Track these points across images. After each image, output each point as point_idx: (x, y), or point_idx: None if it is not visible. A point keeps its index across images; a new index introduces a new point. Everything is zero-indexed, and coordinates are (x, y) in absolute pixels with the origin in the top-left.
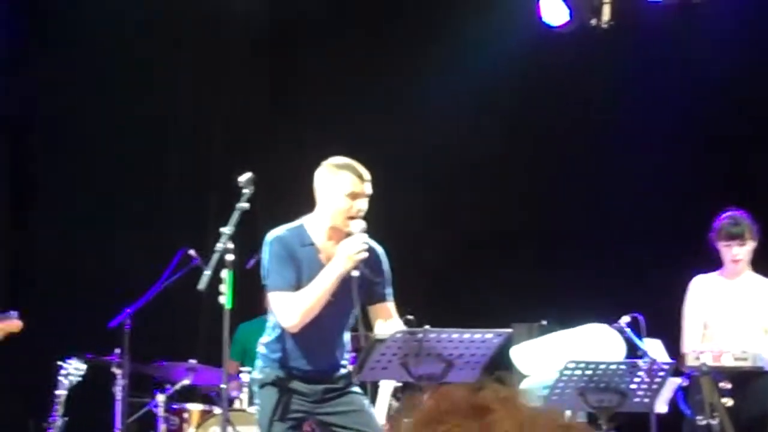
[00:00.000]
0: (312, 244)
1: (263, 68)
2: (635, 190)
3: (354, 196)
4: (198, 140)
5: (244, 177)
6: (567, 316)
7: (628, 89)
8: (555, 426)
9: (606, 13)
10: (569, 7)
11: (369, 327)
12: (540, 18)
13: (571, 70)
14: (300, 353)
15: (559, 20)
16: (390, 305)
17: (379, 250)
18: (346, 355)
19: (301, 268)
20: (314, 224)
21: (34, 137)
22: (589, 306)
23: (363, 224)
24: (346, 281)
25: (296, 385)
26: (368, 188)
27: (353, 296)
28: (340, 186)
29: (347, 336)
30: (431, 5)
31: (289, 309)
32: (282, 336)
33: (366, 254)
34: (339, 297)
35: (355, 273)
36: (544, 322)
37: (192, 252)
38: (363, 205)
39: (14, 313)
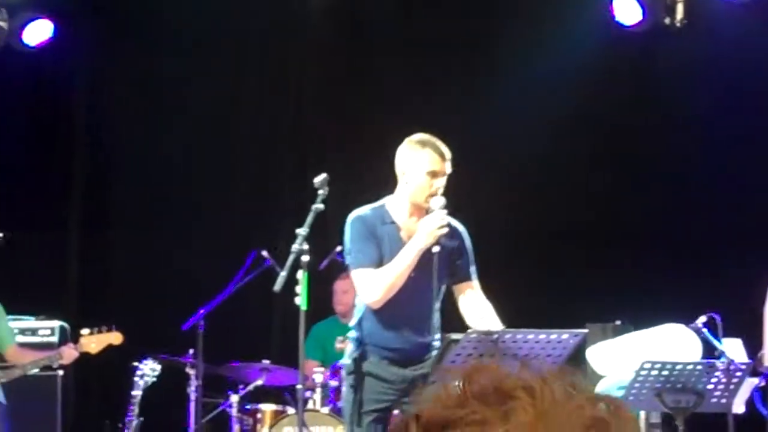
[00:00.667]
0: (393, 222)
1: (337, 67)
2: (710, 188)
3: (434, 174)
4: (269, 142)
5: (319, 178)
6: (642, 316)
7: (702, 87)
8: (580, 418)
9: (679, 11)
10: (642, 6)
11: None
12: (613, 17)
13: (644, 69)
14: (386, 332)
15: (632, 19)
16: (474, 283)
17: (461, 228)
18: (437, 337)
19: (383, 245)
20: (395, 203)
21: (105, 140)
22: (665, 306)
23: (443, 201)
24: (428, 259)
25: (383, 370)
26: (448, 167)
27: (433, 273)
28: (421, 163)
29: (437, 317)
30: (505, 3)
31: (372, 285)
32: (367, 316)
33: (446, 230)
34: (421, 274)
35: (436, 248)
36: (619, 322)
37: (264, 253)
38: (443, 183)
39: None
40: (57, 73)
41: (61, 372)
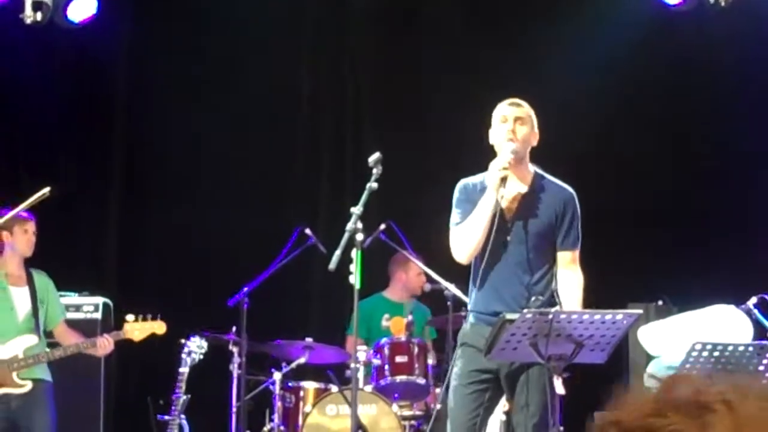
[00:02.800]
0: (486, 186)
1: (381, 47)
2: (758, 167)
3: (504, 119)
4: (313, 120)
5: (374, 157)
6: (688, 297)
7: (747, 67)
8: None
9: None
10: None
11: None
12: None
13: (688, 48)
14: (486, 292)
15: None
16: (566, 254)
17: (564, 192)
18: (541, 299)
19: None
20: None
21: (147, 117)
22: (712, 286)
23: (513, 146)
24: (512, 220)
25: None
26: (516, 111)
27: (511, 235)
28: (495, 116)
29: (544, 280)
30: None
31: (455, 241)
32: (472, 278)
33: (506, 172)
34: (504, 236)
35: (501, 193)
36: (661, 302)
37: (308, 231)
38: (514, 127)
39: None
40: (100, 49)
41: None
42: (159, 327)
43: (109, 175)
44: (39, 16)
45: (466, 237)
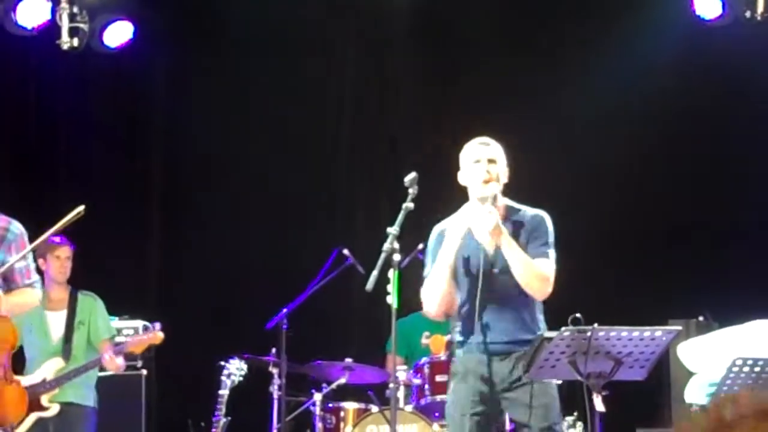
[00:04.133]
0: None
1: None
2: None
3: (477, 160)
4: (350, 140)
5: (410, 177)
6: (726, 312)
7: None
8: None
9: (761, 4)
10: (722, 0)
11: None
12: (693, 11)
13: (725, 63)
14: (475, 324)
15: (712, 13)
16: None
17: (536, 217)
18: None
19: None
20: (467, 206)
21: (184, 140)
22: (751, 302)
23: (495, 187)
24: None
25: (481, 368)
26: (487, 151)
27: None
28: (466, 157)
29: (528, 309)
30: (584, 2)
31: (423, 293)
32: (459, 308)
33: (496, 216)
34: (495, 263)
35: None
36: (702, 318)
37: (346, 251)
38: (488, 167)
39: (157, 325)
40: (137, 74)
41: (144, 371)
42: (155, 338)
43: (149, 198)
44: (76, 41)
45: (431, 289)
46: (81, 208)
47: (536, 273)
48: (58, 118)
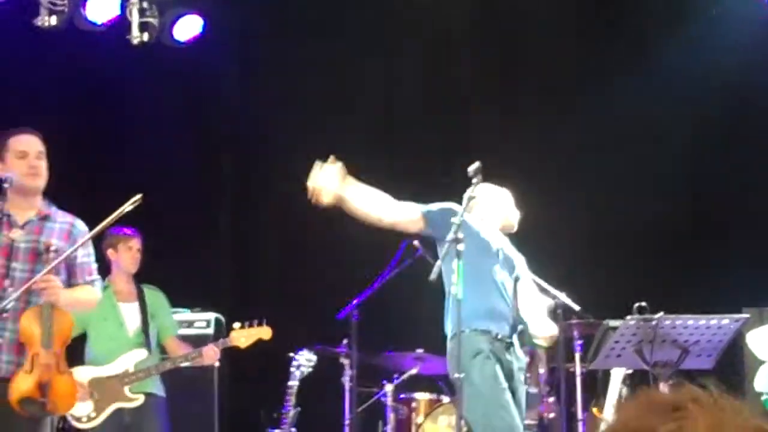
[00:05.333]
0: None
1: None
2: None
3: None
4: (421, 132)
5: (473, 166)
6: None
7: None
8: (748, 427)
9: None
10: None
11: None
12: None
13: None
14: (480, 310)
15: None
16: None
17: None
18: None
19: None
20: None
21: (255, 134)
22: None
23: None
24: None
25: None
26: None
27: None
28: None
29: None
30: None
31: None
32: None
33: None
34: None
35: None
36: None
37: (416, 243)
38: None
39: (263, 321)
40: (206, 68)
41: (217, 363)
42: (265, 332)
43: (221, 191)
44: (146, 36)
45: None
46: (138, 196)
47: None
48: (127, 112)
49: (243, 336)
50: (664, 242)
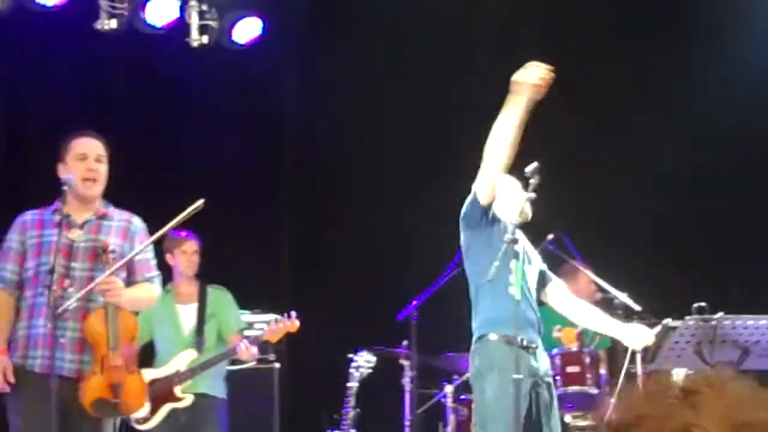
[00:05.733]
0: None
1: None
2: None
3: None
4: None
5: (531, 167)
6: None
7: None
8: (764, 408)
9: None
10: None
11: None
12: None
13: None
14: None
15: None
16: None
17: None
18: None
19: None
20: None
21: (315, 136)
22: None
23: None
24: None
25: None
26: None
27: None
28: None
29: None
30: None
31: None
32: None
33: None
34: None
35: None
36: None
37: None
38: None
39: (293, 314)
40: (266, 70)
41: (277, 364)
42: (291, 326)
43: (279, 193)
44: (205, 39)
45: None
46: (200, 201)
47: None
48: (187, 115)
49: (273, 330)
50: (724, 242)
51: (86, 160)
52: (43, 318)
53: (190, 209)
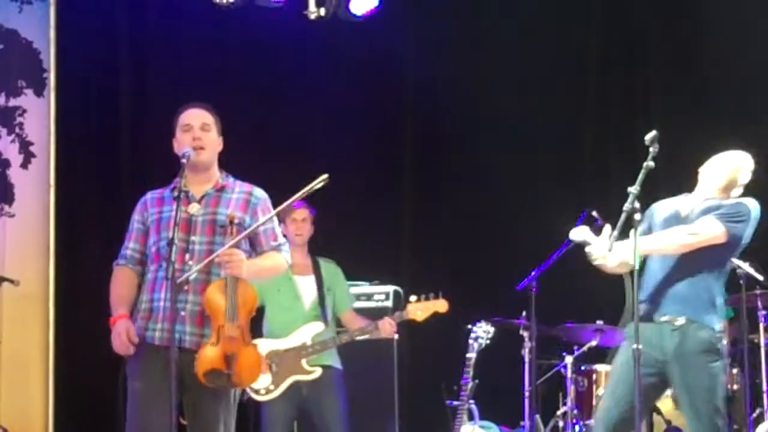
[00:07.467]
0: None
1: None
2: None
3: None
4: (599, 100)
5: (650, 135)
6: None
7: None
8: None
9: None
10: None
11: None
12: None
13: None
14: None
15: None
16: None
17: None
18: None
19: None
20: None
21: (436, 108)
22: None
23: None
24: None
25: None
26: None
27: None
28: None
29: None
30: None
31: None
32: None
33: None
34: None
35: None
36: None
37: (594, 213)
38: None
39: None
40: (384, 42)
41: (396, 336)
42: (441, 305)
43: (401, 164)
44: (323, 11)
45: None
46: (325, 176)
47: None
48: (304, 88)
49: (419, 309)
50: None
51: (191, 130)
52: (164, 291)
53: (313, 183)
